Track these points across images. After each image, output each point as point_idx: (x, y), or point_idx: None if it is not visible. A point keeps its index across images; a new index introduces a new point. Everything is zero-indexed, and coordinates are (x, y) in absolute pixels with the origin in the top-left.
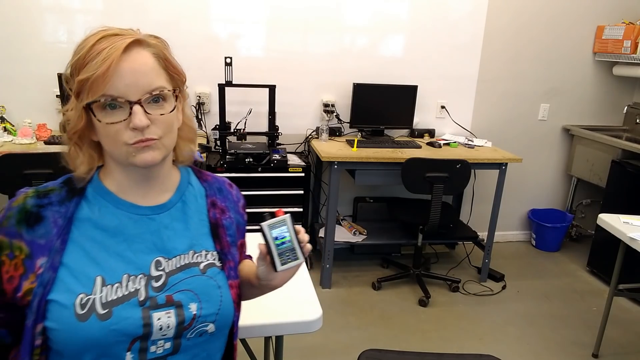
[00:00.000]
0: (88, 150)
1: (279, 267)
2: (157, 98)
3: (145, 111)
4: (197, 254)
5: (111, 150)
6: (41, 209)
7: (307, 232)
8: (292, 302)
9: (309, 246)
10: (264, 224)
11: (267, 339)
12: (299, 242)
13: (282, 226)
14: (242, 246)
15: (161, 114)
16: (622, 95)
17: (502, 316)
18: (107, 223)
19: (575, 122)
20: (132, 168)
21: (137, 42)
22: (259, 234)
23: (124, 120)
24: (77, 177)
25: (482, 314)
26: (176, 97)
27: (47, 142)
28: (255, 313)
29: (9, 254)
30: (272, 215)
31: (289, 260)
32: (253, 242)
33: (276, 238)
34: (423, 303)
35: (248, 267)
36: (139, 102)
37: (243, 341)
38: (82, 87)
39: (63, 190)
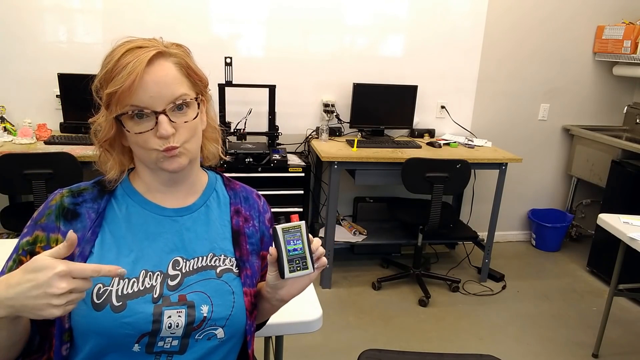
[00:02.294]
0: (118, 156)
1: (287, 274)
2: (180, 106)
3: (170, 120)
4: (215, 258)
5: (141, 156)
6: (77, 207)
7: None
8: (292, 302)
9: (324, 260)
10: (278, 227)
11: (267, 339)
12: (311, 252)
13: (295, 232)
14: (265, 258)
15: (185, 121)
16: (622, 95)
17: (502, 316)
18: (132, 221)
19: (575, 122)
20: (160, 171)
21: (160, 54)
22: None
23: (151, 129)
24: (108, 180)
25: (482, 314)
26: (198, 103)
27: (47, 142)
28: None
29: (44, 247)
30: (287, 219)
31: (298, 268)
32: None
33: (288, 243)
34: (423, 303)
35: (262, 283)
36: (163, 112)
37: None
38: (111, 100)
39: (95, 190)
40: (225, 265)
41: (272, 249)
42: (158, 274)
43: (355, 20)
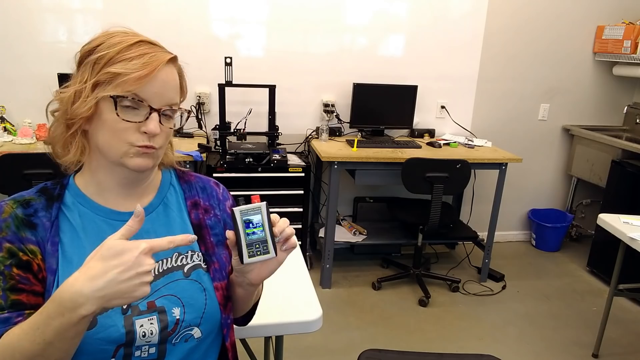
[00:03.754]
0: (81, 139)
1: (246, 259)
2: (168, 112)
3: (159, 121)
4: (182, 256)
5: (109, 144)
6: (31, 217)
7: (307, 229)
8: (292, 302)
9: (292, 241)
10: (236, 209)
11: (267, 339)
12: (273, 234)
13: (255, 214)
14: None
15: (169, 127)
16: (622, 95)
17: (502, 316)
18: (88, 229)
19: (575, 122)
20: (120, 168)
21: (174, 60)
22: None
23: (139, 122)
24: (64, 165)
25: (482, 314)
26: (181, 116)
27: (47, 142)
28: (256, 313)
29: (27, 253)
30: (248, 200)
31: (258, 253)
32: None
33: (247, 226)
34: (423, 303)
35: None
36: (158, 111)
37: (243, 341)
38: (110, 80)
39: (42, 199)
40: (194, 261)
41: (230, 232)
42: None
43: (355, 20)
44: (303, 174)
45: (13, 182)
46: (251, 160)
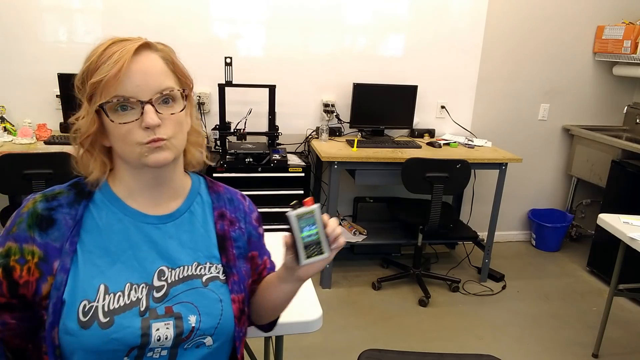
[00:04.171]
0: (100, 156)
1: (303, 261)
2: (167, 99)
3: (156, 111)
4: (200, 266)
5: (123, 151)
6: (52, 212)
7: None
8: (292, 302)
9: (341, 240)
10: (291, 214)
11: (267, 339)
12: (327, 235)
13: (309, 217)
14: (255, 258)
15: (171, 114)
16: (622, 95)
17: (502, 316)
18: (114, 229)
19: (575, 122)
20: (144, 171)
21: (146, 46)
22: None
23: (136, 120)
24: (89, 182)
25: (482, 314)
26: (185, 97)
27: (47, 142)
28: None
29: (19, 260)
30: (300, 204)
31: (314, 254)
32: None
33: (303, 230)
34: (423, 303)
35: (274, 273)
36: (150, 102)
37: None
38: (95, 90)
39: (71, 193)
40: (211, 273)
41: (287, 237)
42: (143, 286)
43: (355, 20)
44: (303, 174)
45: (13, 182)
46: (251, 160)
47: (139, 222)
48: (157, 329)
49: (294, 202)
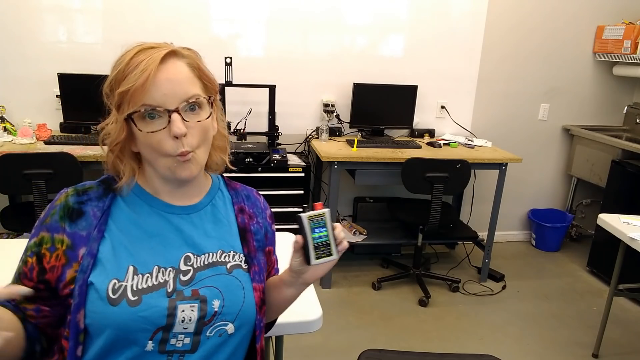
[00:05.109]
0: (129, 161)
1: (313, 261)
2: (193, 106)
3: (183, 119)
4: (225, 254)
5: (152, 159)
6: (82, 205)
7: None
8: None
9: (345, 244)
10: (304, 215)
11: (267, 339)
12: (335, 238)
13: (320, 220)
14: (270, 254)
15: (198, 121)
16: (622, 95)
17: (502, 316)
18: (141, 219)
19: (575, 122)
20: (169, 178)
21: (173, 53)
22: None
23: (163, 128)
24: (119, 187)
25: (482, 314)
26: (211, 104)
27: (47, 142)
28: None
29: (50, 248)
30: (312, 207)
31: (324, 255)
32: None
33: (314, 231)
34: (423, 303)
35: (276, 276)
36: (176, 111)
37: None
38: (123, 99)
39: (100, 188)
40: (235, 261)
41: (299, 237)
42: (170, 270)
43: (355, 20)
44: (303, 174)
45: (13, 182)
46: (251, 160)
47: (165, 213)
48: (183, 310)
49: (306, 205)
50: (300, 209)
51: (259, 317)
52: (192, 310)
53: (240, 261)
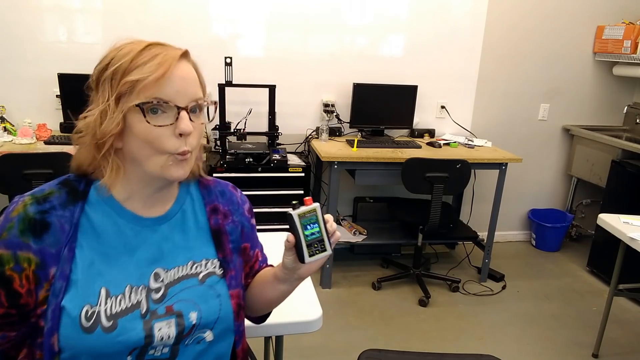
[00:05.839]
0: (115, 159)
1: (307, 259)
2: (196, 108)
3: (190, 119)
4: (196, 264)
5: (146, 157)
6: (45, 215)
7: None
8: (292, 302)
9: (338, 234)
10: (294, 213)
11: (267, 339)
12: (328, 233)
13: (311, 216)
14: (247, 250)
15: (200, 124)
16: (622, 95)
17: (502, 316)
18: (109, 233)
19: (575, 122)
20: (155, 179)
21: (186, 54)
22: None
23: (171, 124)
24: (101, 185)
25: (482, 314)
26: (207, 109)
27: (47, 142)
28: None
29: (14, 268)
30: (301, 203)
31: (317, 251)
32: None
33: (305, 228)
34: (423, 303)
35: (269, 269)
36: (185, 109)
37: None
38: (132, 89)
39: (63, 193)
40: (208, 269)
41: (290, 236)
42: (142, 288)
43: (355, 20)
44: (303, 174)
45: (13, 182)
46: (251, 160)
47: (134, 225)
48: (160, 329)
49: (295, 202)
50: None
51: (236, 323)
52: (169, 327)
53: (214, 267)
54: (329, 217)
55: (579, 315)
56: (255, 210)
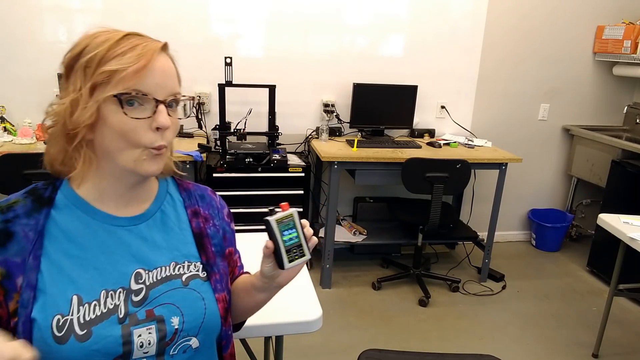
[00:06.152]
0: (87, 151)
1: (287, 265)
2: (173, 103)
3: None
4: (179, 266)
5: (120, 150)
6: (8, 224)
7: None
8: (292, 302)
9: (314, 239)
10: (271, 219)
11: (267, 339)
12: (306, 238)
13: (289, 222)
14: (231, 255)
15: (177, 118)
16: (622, 95)
17: (502, 316)
18: (81, 235)
19: (575, 122)
20: (129, 174)
21: (165, 47)
22: (254, 235)
23: (148, 117)
24: (72, 180)
25: (482, 314)
26: (184, 105)
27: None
28: (256, 313)
29: None
30: (277, 209)
31: (296, 257)
32: (249, 243)
33: (283, 234)
34: (423, 303)
35: (246, 277)
36: (163, 102)
37: (243, 341)
38: (108, 79)
39: (28, 201)
40: (191, 271)
41: (269, 242)
42: (120, 291)
43: (355, 20)
44: (303, 174)
45: (13, 182)
46: (251, 160)
47: (108, 225)
48: (139, 335)
49: (271, 207)
50: (301, 209)
51: (224, 328)
52: (149, 333)
53: (197, 270)
54: (305, 222)
55: (579, 315)
56: (255, 210)
